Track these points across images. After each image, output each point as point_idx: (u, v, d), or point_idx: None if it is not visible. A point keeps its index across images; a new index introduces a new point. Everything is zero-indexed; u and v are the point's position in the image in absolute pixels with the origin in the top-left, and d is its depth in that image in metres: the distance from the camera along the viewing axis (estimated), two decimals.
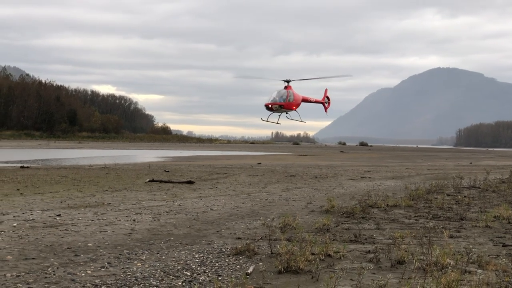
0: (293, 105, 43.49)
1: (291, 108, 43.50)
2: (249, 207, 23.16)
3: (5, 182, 31.81)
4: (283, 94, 42.96)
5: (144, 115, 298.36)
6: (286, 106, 42.88)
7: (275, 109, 43.01)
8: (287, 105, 42.86)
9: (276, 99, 42.87)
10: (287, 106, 42.93)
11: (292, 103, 43.07)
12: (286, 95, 42.88)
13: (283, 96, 42.82)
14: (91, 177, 37.24)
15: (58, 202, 22.82)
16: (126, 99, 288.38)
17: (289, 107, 43.27)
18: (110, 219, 18.48)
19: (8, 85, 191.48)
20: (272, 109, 43.07)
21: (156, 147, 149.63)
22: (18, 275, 11.00)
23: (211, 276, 11.51)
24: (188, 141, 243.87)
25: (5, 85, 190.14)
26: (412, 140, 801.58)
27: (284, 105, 42.80)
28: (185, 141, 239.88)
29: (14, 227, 16.14)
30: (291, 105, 43.13)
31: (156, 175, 39.17)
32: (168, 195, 26.91)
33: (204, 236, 16.06)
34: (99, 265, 12.14)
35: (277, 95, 43.19)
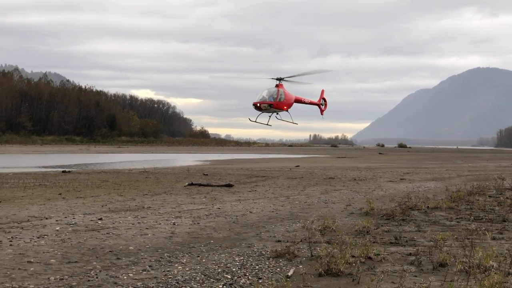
0: (284, 105, 41.13)
1: (282, 108, 41.15)
2: (288, 210, 23.14)
3: (47, 186, 32.27)
4: (273, 92, 40.68)
5: (182, 119, 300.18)
6: (276, 105, 40.57)
7: (264, 109, 40.69)
8: (277, 105, 40.55)
9: (266, 98, 40.51)
10: (277, 106, 40.64)
11: (282, 103, 40.73)
12: (277, 94, 40.58)
13: (273, 95, 40.50)
14: (131, 181, 37.57)
15: (99, 206, 23.08)
16: (164, 103, 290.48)
17: (279, 107, 40.92)
18: (151, 222, 18.63)
19: (49, 91, 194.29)
20: (261, 109, 40.78)
21: (195, 151, 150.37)
22: (62, 278, 11.15)
23: (252, 279, 11.52)
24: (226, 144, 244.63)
25: (46, 91, 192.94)
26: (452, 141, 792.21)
27: (274, 104, 40.45)
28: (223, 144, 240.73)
29: (57, 231, 16.36)
30: (281, 105, 40.81)
31: (195, 179, 39.35)
32: (207, 199, 27.02)
33: (244, 239, 16.09)
34: (140, 268, 12.24)
35: (267, 94, 40.85)
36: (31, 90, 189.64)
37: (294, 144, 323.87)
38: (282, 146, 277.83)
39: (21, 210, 21.42)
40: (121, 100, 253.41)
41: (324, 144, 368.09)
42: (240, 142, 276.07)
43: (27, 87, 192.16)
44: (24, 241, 14.70)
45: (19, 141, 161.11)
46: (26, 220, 18.71)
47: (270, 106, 40.48)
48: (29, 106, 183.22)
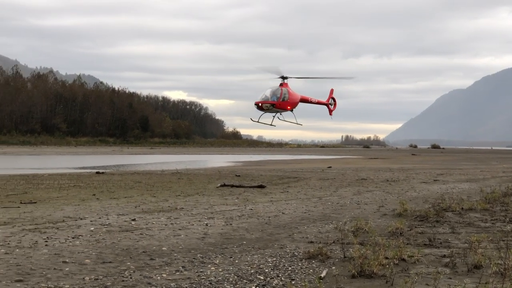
0: (287, 105, 39.82)
1: (285, 108, 39.90)
2: (321, 211, 23.08)
3: (81, 187, 32.61)
4: (277, 92, 39.37)
5: (215, 120, 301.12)
6: (279, 105, 39.25)
7: (266, 109, 39.39)
8: (280, 105, 39.24)
9: (268, 97, 39.24)
10: (280, 106, 39.34)
11: (286, 103, 39.46)
12: (280, 93, 39.24)
13: (276, 94, 39.21)
14: (164, 182, 37.80)
15: (132, 207, 23.26)
16: (197, 104, 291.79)
17: (282, 107, 39.62)
18: (183, 223, 18.72)
19: (83, 93, 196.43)
20: (263, 109, 39.47)
21: (227, 152, 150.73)
22: (96, 278, 11.26)
23: (285, 280, 11.52)
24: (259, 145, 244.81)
25: (80, 93, 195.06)
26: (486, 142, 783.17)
27: (277, 104, 39.11)
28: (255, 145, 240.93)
29: (91, 231, 16.53)
30: (285, 104, 39.53)
31: (227, 180, 39.45)
32: (240, 200, 27.07)
33: (277, 240, 16.09)
34: (174, 268, 12.31)
35: (270, 93, 39.55)
36: (65, 92, 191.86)
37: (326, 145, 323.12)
38: (314, 147, 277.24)
39: (56, 210, 21.68)
40: (154, 101, 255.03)
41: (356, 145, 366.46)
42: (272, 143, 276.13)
43: (61, 89, 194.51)
44: (59, 241, 14.87)
45: (54, 142, 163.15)
46: (61, 220, 18.94)
47: (273, 106, 39.19)
48: (63, 108, 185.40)
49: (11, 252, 13.33)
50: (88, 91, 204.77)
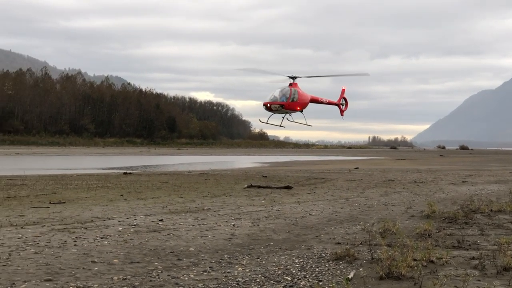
0: (296, 106, 38.59)
1: (294, 108, 38.73)
2: (348, 212, 23.00)
3: (109, 188, 32.84)
4: (286, 92, 38.25)
5: (241, 121, 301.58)
6: (287, 106, 38.09)
7: (274, 110, 38.28)
8: (289, 105, 38.09)
9: (277, 98, 38.12)
10: (289, 107, 38.17)
11: (295, 103, 38.28)
12: (289, 93, 38.13)
13: (285, 95, 38.09)
14: (191, 183, 37.93)
15: (160, 208, 23.37)
16: (223, 105, 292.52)
17: (291, 107, 38.42)
18: (211, 224, 18.76)
19: (111, 94, 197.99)
20: (272, 110, 38.36)
21: (254, 153, 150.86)
22: (125, 278, 11.33)
23: (312, 281, 11.50)
24: (285, 146, 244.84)
25: (108, 94, 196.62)
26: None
27: (285, 105, 37.96)
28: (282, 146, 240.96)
29: (119, 232, 16.64)
30: (294, 105, 38.33)
31: (254, 181, 39.48)
32: (267, 200, 27.07)
33: (304, 241, 16.06)
34: (201, 269, 12.35)
35: (279, 94, 38.40)
36: (93, 93, 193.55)
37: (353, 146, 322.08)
38: (341, 148, 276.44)
39: (85, 210, 21.86)
40: (181, 102, 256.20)
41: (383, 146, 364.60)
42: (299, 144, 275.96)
43: (89, 90, 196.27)
44: (88, 241, 14.99)
45: (82, 143, 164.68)
46: (89, 220, 19.09)
47: (282, 106, 38.13)
48: (91, 109, 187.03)
49: (41, 252, 13.46)
50: (116, 92, 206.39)
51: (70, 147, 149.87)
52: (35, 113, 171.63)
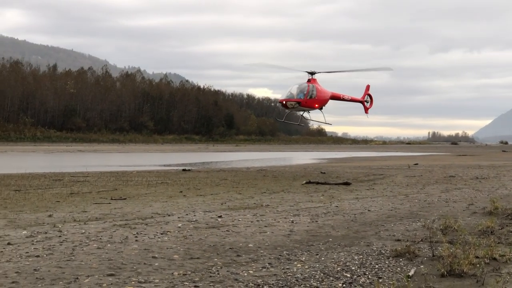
0: (315, 103, 36.60)
1: (312, 106, 36.83)
2: (408, 209, 22.74)
3: (169, 184, 33.22)
4: (303, 88, 36.33)
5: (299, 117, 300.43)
6: (305, 103, 36.07)
7: (291, 107, 36.58)
8: (307, 103, 36.11)
9: (293, 95, 36.21)
10: (306, 104, 36.20)
11: (314, 100, 36.34)
12: (307, 90, 36.19)
13: (303, 91, 36.17)
14: (249, 179, 38.06)
15: (218, 204, 23.52)
16: None
17: (309, 105, 36.50)
18: (269, 220, 18.80)
19: (170, 91, 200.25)
20: (288, 107, 36.67)
21: (311, 149, 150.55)
22: (185, 273, 11.45)
23: (372, 278, 11.41)
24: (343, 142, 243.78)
25: (167, 92, 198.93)
26: None
27: (302, 102, 35.94)
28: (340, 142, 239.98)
29: (179, 228, 16.81)
30: (312, 102, 36.37)
31: (312, 177, 39.38)
32: (325, 197, 26.98)
33: (363, 238, 15.95)
34: (260, 265, 12.38)
35: (295, 90, 36.54)
36: (152, 90, 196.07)
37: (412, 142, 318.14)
38: (400, 144, 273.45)
39: (145, 207, 22.17)
40: (239, 99, 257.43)
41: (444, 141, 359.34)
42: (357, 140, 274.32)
43: (148, 88, 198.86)
44: (148, 237, 15.19)
45: (142, 140, 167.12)
46: (150, 216, 19.35)
47: (298, 104, 36.23)
48: (150, 106, 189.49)
49: (103, 247, 13.70)
50: (174, 89, 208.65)
51: (130, 144, 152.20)
52: (96, 111, 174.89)
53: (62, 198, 24.92)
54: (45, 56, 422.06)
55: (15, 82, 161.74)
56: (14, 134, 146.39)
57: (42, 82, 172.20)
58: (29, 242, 14.20)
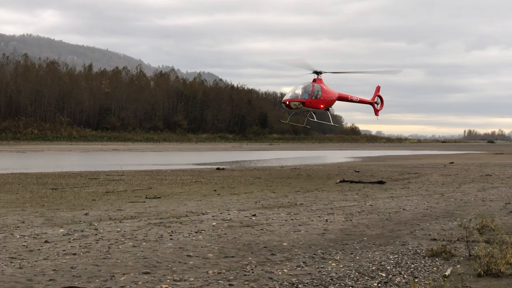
0: (320, 103, 35.59)
1: (317, 106, 35.84)
2: (443, 208, 22.52)
3: (203, 183, 33.34)
4: (308, 89, 35.39)
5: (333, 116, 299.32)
6: (309, 103, 35.07)
7: (294, 108, 35.60)
8: (312, 103, 35.09)
9: (298, 95, 35.23)
10: (311, 104, 35.18)
11: (318, 101, 35.32)
12: (311, 90, 35.21)
13: (307, 91, 35.21)
14: (283, 178, 38.04)
15: (253, 203, 23.54)
16: None
17: (314, 105, 35.47)
18: (303, 219, 18.76)
19: (203, 90, 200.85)
20: (291, 108, 35.68)
21: (345, 148, 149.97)
22: (219, 272, 11.48)
23: (407, 278, 11.31)
24: (377, 141, 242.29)
25: (201, 91, 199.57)
26: None
27: (306, 102, 34.90)
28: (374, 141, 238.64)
29: (213, 226, 16.87)
30: (317, 103, 35.35)
31: (347, 176, 39.23)
32: (359, 195, 26.85)
33: (398, 237, 15.84)
34: (294, 264, 12.36)
35: (300, 90, 35.53)
36: (186, 89, 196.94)
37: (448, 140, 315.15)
38: (434, 142, 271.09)
39: (180, 205, 22.28)
40: (272, 97, 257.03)
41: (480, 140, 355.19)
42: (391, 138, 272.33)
43: (182, 87, 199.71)
44: (183, 235, 15.26)
45: (176, 139, 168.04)
46: (184, 215, 19.44)
47: (302, 104, 35.24)
48: (184, 105, 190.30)
49: (138, 245, 13.80)
50: (208, 88, 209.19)
51: (164, 143, 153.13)
52: (131, 110, 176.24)
53: (97, 197, 25.17)
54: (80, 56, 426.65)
55: (52, 82, 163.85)
56: (51, 133, 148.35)
57: (78, 82, 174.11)
58: (66, 240, 14.37)
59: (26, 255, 12.58)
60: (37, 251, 13.01)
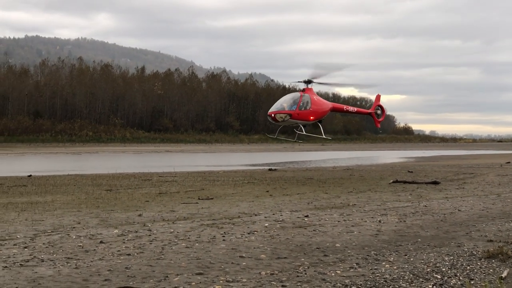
0: (309, 115, 33.11)
1: (307, 119, 33.37)
2: (500, 208, 22.08)
3: (255, 184, 33.40)
4: (295, 99, 32.96)
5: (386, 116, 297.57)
6: (296, 116, 32.42)
7: (280, 120, 32.92)
8: (300, 115, 32.48)
9: (284, 107, 32.67)
10: (299, 116, 32.58)
11: (307, 112, 32.86)
12: (299, 100, 32.66)
13: (295, 102, 32.69)
14: (335, 178, 37.85)
15: (305, 203, 23.48)
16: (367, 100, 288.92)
17: (302, 117, 32.90)
18: (356, 220, 18.63)
19: (255, 91, 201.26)
20: (277, 120, 32.99)
21: (398, 148, 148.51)
22: (272, 273, 11.47)
23: (463, 280, 11.13)
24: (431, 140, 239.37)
25: (252, 91, 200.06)
26: None
27: (294, 114, 32.23)
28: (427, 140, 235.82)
29: (265, 227, 16.87)
30: (306, 115, 32.79)
31: (400, 176, 38.82)
32: (413, 196, 26.54)
33: (453, 238, 15.59)
34: (347, 265, 12.28)
35: (286, 101, 33.15)
36: (238, 91, 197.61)
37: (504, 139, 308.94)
38: (490, 142, 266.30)
39: (232, 206, 22.35)
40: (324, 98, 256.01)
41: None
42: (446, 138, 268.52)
43: (234, 88, 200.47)
44: (235, 236, 15.30)
45: (228, 140, 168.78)
46: (237, 216, 19.49)
47: (289, 116, 32.61)
48: (236, 106, 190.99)
49: (191, 246, 13.89)
50: (260, 89, 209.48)
51: (216, 144, 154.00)
52: (183, 112, 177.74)
53: (151, 198, 25.43)
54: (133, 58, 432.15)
55: (106, 84, 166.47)
56: (105, 135, 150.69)
57: (131, 84, 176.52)
58: (120, 240, 14.55)
59: (82, 255, 12.79)
60: (93, 251, 13.20)
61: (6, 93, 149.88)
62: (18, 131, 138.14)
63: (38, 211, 20.49)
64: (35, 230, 16.15)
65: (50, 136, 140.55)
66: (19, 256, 12.61)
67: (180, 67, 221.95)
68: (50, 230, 16.17)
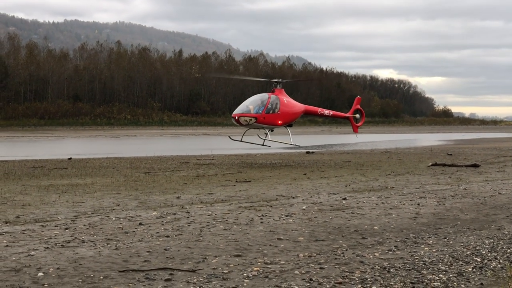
0: (277, 119, 30.97)
1: (274, 123, 31.14)
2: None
3: (292, 167, 33.39)
4: (263, 101, 30.85)
5: (424, 98, 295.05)
6: (262, 119, 30.23)
7: (245, 124, 30.65)
8: (266, 118, 30.29)
9: (250, 109, 30.53)
10: (265, 120, 30.37)
11: (275, 116, 30.77)
12: (266, 103, 30.61)
13: (263, 103, 30.56)
14: (373, 161, 37.64)
15: (343, 186, 23.41)
16: (405, 83, 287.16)
17: (269, 121, 30.66)
18: (394, 203, 18.52)
19: (292, 74, 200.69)
20: (241, 124, 30.73)
21: (437, 131, 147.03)
22: (310, 255, 11.47)
23: (503, 263, 11.02)
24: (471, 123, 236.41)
25: (289, 74, 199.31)
26: None
27: (259, 117, 30.07)
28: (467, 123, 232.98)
29: (303, 210, 16.86)
30: (273, 118, 30.70)
31: (439, 159, 38.44)
32: (453, 179, 26.28)
33: (493, 221, 15.42)
34: (386, 248, 12.22)
35: (252, 103, 31.04)
36: (275, 73, 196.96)
37: None
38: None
39: (270, 189, 22.38)
40: (362, 81, 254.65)
41: None
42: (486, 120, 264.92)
43: (271, 71, 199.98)
44: (273, 219, 15.33)
45: None
46: (274, 199, 19.52)
47: (255, 119, 30.47)
48: None
49: (229, 229, 13.95)
50: (297, 72, 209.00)
51: None
52: (220, 95, 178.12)
53: (189, 181, 25.59)
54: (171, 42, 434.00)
55: (144, 68, 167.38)
56: (143, 118, 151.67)
57: (168, 68, 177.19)
58: (159, 222, 14.68)
59: (121, 236, 12.93)
60: (132, 233, 13.34)
61: (46, 77, 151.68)
62: (58, 115, 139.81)
63: (79, 193, 20.77)
64: (75, 212, 16.39)
65: (89, 119, 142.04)
66: (60, 237, 12.81)
67: (218, 50, 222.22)
68: (90, 212, 16.39)
